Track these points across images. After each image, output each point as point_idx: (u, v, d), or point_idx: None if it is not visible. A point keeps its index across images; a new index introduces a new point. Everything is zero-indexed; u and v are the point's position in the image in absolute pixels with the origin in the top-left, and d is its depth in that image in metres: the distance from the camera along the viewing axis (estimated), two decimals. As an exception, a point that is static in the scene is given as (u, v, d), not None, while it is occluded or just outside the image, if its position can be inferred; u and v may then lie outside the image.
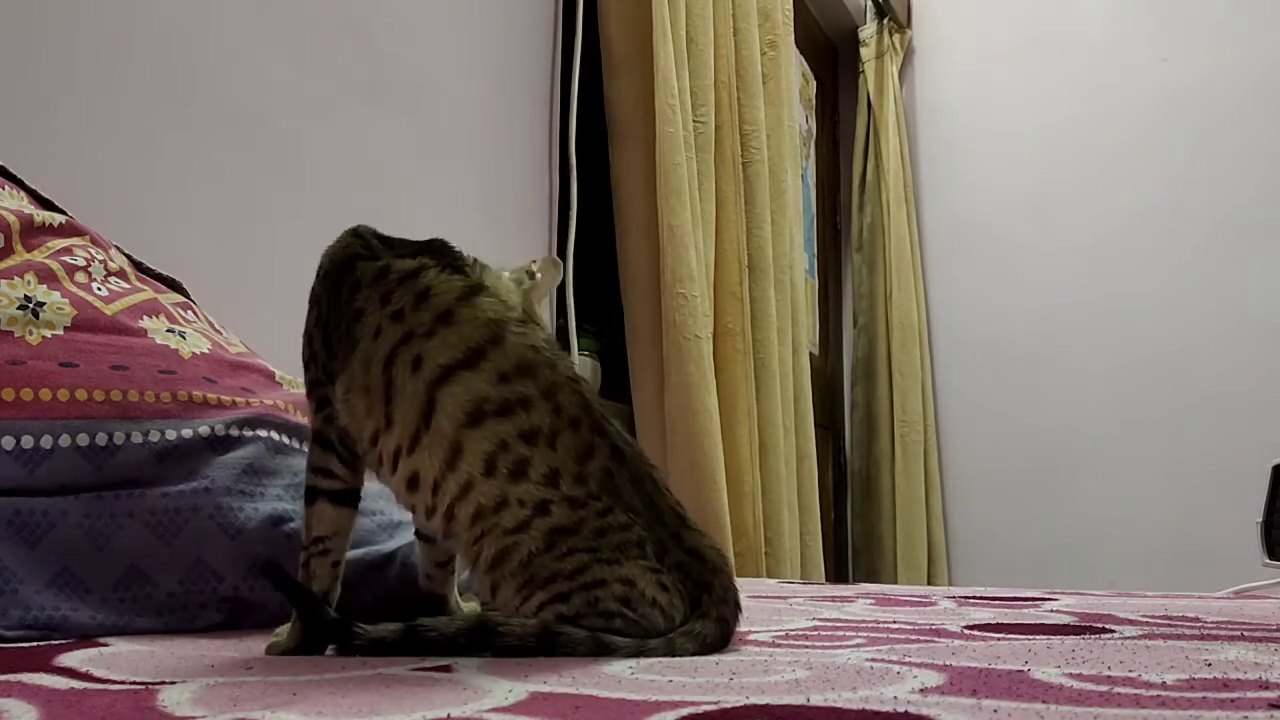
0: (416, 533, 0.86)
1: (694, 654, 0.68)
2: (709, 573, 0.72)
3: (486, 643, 0.67)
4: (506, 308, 0.76)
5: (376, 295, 0.75)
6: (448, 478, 0.71)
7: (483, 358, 0.72)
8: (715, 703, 0.50)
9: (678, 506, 0.74)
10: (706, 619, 0.70)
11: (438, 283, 0.75)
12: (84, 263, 1.02)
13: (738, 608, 0.73)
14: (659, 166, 2.20)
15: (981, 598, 1.33)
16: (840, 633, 0.88)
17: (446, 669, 0.62)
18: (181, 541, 0.86)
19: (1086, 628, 0.90)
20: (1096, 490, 3.39)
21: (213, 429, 0.93)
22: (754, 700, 0.51)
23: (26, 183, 1.12)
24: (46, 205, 1.10)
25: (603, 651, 0.66)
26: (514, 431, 0.70)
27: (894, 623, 0.96)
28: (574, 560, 0.68)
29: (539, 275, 0.89)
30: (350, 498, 0.79)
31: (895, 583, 3.25)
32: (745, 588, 0.77)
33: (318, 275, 0.81)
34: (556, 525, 0.69)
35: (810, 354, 3.15)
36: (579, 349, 2.27)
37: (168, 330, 1.01)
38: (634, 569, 0.69)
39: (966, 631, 0.88)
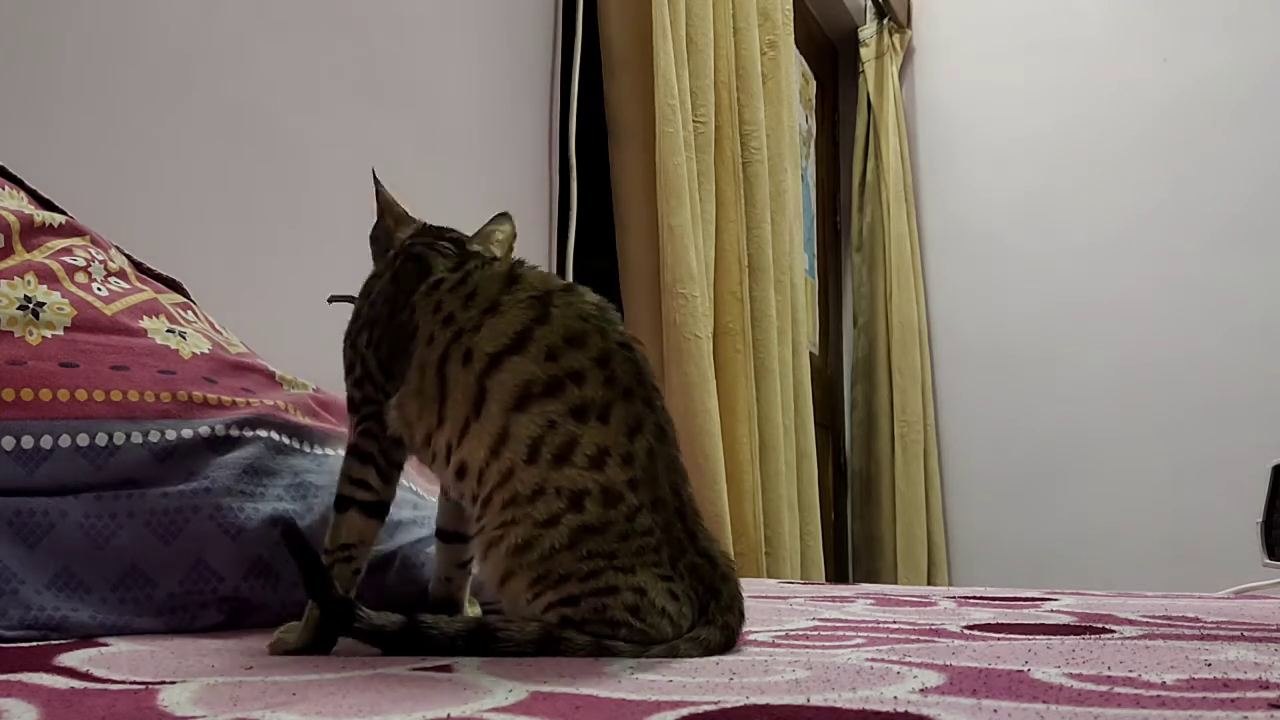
0: (438, 533, 0.86)
1: (698, 656, 0.68)
2: (719, 579, 0.72)
3: (485, 646, 0.67)
4: (548, 280, 0.77)
5: (429, 306, 0.77)
6: (492, 465, 0.71)
7: (529, 339, 0.72)
8: (715, 703, 0.50)
9: (694, 500, 0.75)
10: (712, 625, 0.70)
11: (482, 280, 0.77)
12: (84, 263, 1.02)
13: (741, 615, 0.74)
14: (659, 166, 2.20)
15: (981, 598, 1.33)
16: (840, 633, 0.88)
17: (447, 669, 0.62)
18: (181, 542, 0.86)
19: (1086, 628, 0.90)
20: (1096, 490, 3.39)
21: (213, 429, 0.93)
22: (754, 700, 0.51)
23: (26, 183, 1.12)
24: (46, 205, 1.10)
25: (604, 652, 0.66)
26: (564, 409, 0.70)
27: (894, 623, 0.96)
28: (591, 563, 0.68)
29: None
30: (381, 510, 0.80)
31: (895, 583, 3.25)
32: (745, 588, 0.77)
33: (371, 293, 0.83)
34: (586, 523, 0.69)
35: (810, 354, 3.16)
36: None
37: (168, 330, 1.01)
38: (647, 577, 0.69)
39: (966, 631, 0.88)
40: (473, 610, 0.88)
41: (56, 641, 0.76)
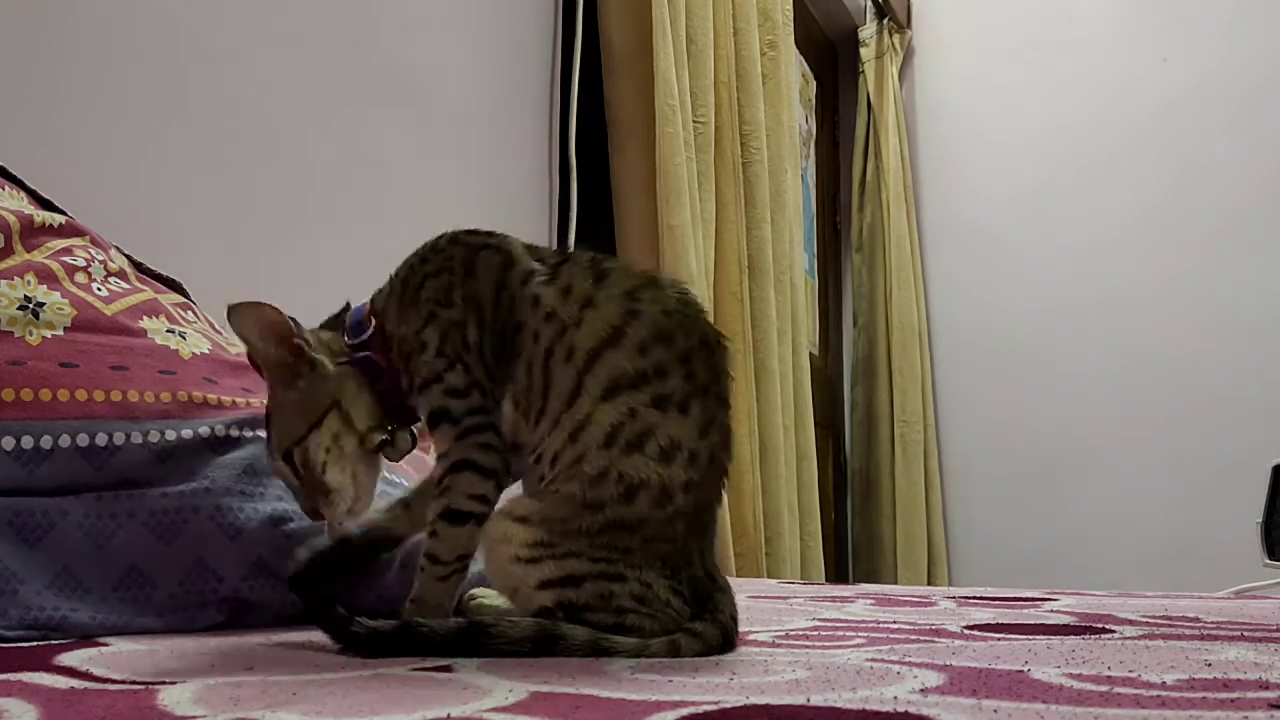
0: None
1: (698, 654, 0.68)
2: (715, 589, 0.75)
3: (478, 644, 0.67)
4: (634, 274, 0.78)
5: (528, 301, 0.78)
6: (566, 451, 0.74)
7: (623, 335, 0.74)
8: (715, 703, 0.50)
9: (715, 523, 0.78)
10: (707, 622, 0.72)
11: (575, 276, 0.78)
12: (84, 263, 1.02)
13: (735, 621, 0.75)
14: (659, 167, 2.20)
15: (981, 598, 1.33)
16: (840, 633, 0.88)
17: (447, 669, 0.62)
18: (181, 541, 0.86)
19: (1086, 628, 0.90)
20: (1096, 490, 3.39)
21: (213, 429, 0.93)
22: (754, 700, 0.51)
23: (26, 183, 1.12)
24: (46, 205, 1.10)
25: (603, 653, 0.66)
26: (647, 398, 0.73)
27: (894, 623, 0.96)
28: (606, 553, 0.71)
29: None
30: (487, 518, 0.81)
31: (895, 583, 3.25)
32: (745, 588, 0.78)
33: (444, 291, 0.80)
34: (623, 518, 0.71)
35: (810, 354, 3.15)
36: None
37: (168, 330, 1.01)
38: (653, 575, 0.72)
39: (966, 631, 0.88)
40: (496, 602, 0.88)
41: (56, 641, 0.76)
